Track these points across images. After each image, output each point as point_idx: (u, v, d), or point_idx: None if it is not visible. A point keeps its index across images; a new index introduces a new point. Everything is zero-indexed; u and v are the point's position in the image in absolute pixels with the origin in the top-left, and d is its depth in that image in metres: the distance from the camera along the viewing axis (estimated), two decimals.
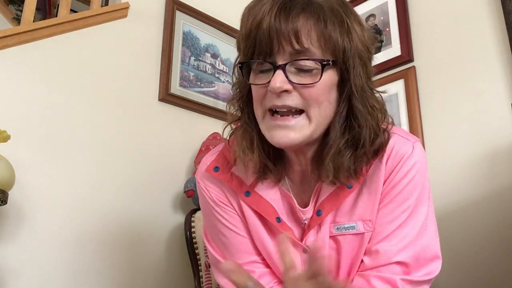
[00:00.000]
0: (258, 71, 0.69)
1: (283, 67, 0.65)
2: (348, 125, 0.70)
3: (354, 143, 0.70)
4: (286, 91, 0.65)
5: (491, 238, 1.42)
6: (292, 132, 0.67)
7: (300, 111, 0.67)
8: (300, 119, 0.67)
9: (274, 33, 0.64)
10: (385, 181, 0.74)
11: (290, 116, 0.67)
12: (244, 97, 0.76)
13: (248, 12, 0.69)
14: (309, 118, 0.67)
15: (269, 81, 0.66)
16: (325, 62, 0.65)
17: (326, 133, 0.71)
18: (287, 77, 0.65)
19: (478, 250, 1.44)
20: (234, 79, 0.78)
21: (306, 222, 0.77)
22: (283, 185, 0.79)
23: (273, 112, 0.68)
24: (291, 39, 0.64)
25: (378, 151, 0.73)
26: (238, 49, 0.73)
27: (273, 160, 0.76)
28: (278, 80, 0.64)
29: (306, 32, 0.64)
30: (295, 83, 0.66)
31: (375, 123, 0.70)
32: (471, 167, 1.52)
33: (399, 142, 0.75)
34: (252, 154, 0.73)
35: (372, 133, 0.70)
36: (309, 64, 0.65)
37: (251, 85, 0.71)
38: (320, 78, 0.65)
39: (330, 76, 0.67)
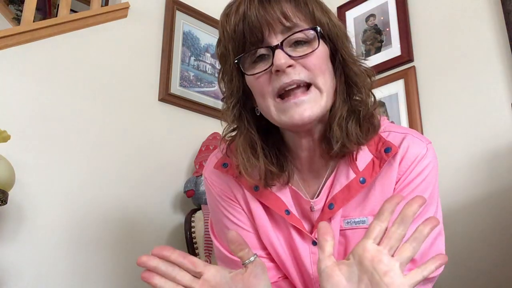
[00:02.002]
0: (251, 63, 0.70)
1: (280, 46, 0.67)
2: (348, 91, 0.73)
3: (356, 108, 0.73)
4: (290, 66, 0.67)
5: (491, 238, 1.43)
6: (309, 106, 0.68)
7: (308, 86, 0.69)
8: (312, 92, 0.68)
9: (263, 18, 0.67)
10: (398, 180, 0.74)
11: (300, 92, 0.68)
12: (239, 102, 0.75)
13: (227, 16, 0.72)
14: (319, 89, 0.69)
15: (270, 65, 0.67)
16: (319, 29, 0.69)
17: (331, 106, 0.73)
18: (286, 53, 0.67)
19: (478, 249, 1.45)
20: (223, 92, 0.78)
21: (314, 211, 0.77)
22: (291, 181, 0.79)
23: (282, 95, 0.69)
24: (280, 19, 0.67)
25: (374, 121, 0.75)
26: (224, 57, 0.74)
27: (277, 164, 0.76)
28: (282, 56, 0.66)
29: (292, 11, 0.68)
30: (296, 56, 0.67)
31: (369, 86, 0.74)
32: (471, 167, 1.52)
33: (413, 142, 0.76)
34: (257, 160, 0.73)
35: (370, 95, 0.74)
36: (302, 36, 0.68)
37: (250, 79, 0.71)
38: (318, 44, 0.68)
39: (323, 47, 0.70)
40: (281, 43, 0.67)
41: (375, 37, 1.95)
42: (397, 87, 1.79)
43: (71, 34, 1.61)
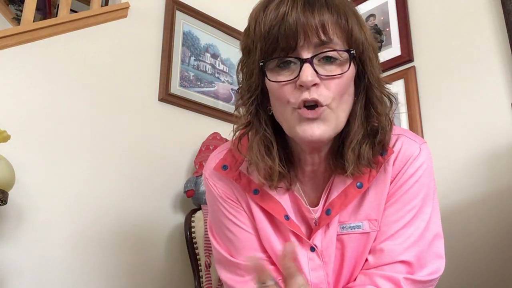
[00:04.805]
0: (276, 69, 0.68)
1: (310, 60, 0.65)
2: (366, 115, 0.72)
3: (373, 132, 0.72)
4: (315, 84, 0.65)
5: (491, 238, 1.42)
6: (321, 125, 0.67)
7: (323, 105, 0.68)
8: (325, 112, 0.67)
9: (301, 27, 0.64)
10: (391, 181, 0.75)
11: (315, 110, 0.67)
12: (257, 99, 0.73)
13: (264, 11, 0.68)
14: (332, 110, 0.68)
15: (295, 77, 0.66)
16: (352, 52, 0.67)
17: (345, 126, 0.72)
18: (315, 70, 0.65)
19: (478, 249, 1.44)
20: (239, 82, 0.76)
21: (316, 221, 0.77)
22: (292, 186, 0.79)
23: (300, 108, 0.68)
24: (318, 31, 0.65)
25: (385, 144, 0.74)
26: (248, 51, 0.71)
27: (286, 165, 0.76)
28: (309, 73, 0.64)
29: (331, 25, 0.66)
30: (323, 75, 0.66)
31: (389, 111, 0.73)
32: (471, 167, 1.52)
33: (407, 143, 0.76)
34: (272, 162, 0.73)
35: (388, 120, 0.72)
36: (334, 54, 0.66)
37: (272, 84, 0.69)
38: (348, 68, 0.67)
39: (352, 69, 0.69)
40: (312, 57, 0.65)
41: (375, 37, 1.95)
42: (397, 87, 1.79)
43: (71, 34, 1.61)
